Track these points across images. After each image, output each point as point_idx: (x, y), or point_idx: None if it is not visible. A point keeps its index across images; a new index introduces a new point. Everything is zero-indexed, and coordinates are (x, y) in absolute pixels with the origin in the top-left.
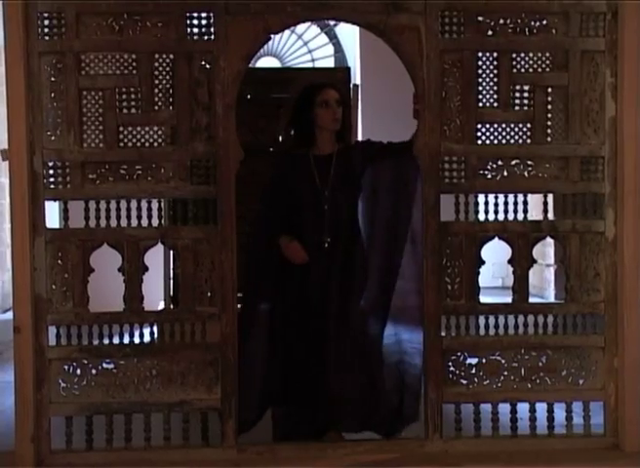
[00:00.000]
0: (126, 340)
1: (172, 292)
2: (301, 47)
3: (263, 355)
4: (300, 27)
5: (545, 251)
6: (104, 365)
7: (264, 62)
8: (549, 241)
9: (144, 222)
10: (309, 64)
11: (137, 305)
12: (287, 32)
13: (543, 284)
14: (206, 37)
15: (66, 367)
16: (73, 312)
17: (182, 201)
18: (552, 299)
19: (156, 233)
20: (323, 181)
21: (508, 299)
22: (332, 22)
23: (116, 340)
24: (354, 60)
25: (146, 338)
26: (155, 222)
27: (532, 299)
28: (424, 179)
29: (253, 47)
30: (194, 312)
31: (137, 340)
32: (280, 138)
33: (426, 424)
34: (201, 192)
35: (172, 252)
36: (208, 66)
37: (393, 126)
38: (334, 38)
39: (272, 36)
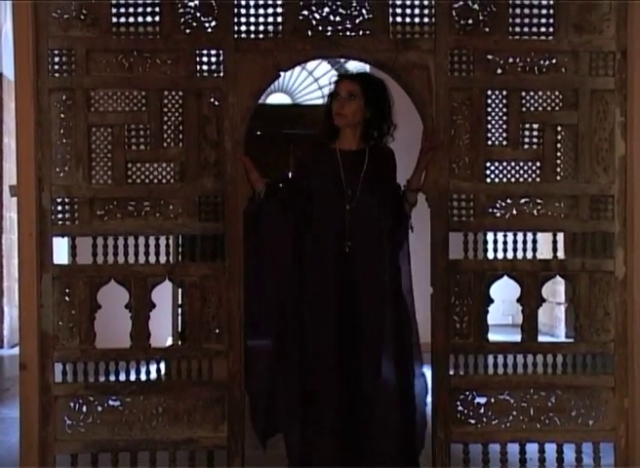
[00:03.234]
0: (132, 377)
1: (179, 329)
2: (312, 83)
3: (279, 367)
4: (311, 64)
5: (556, 288)
6: (110, 402)
7: (275, 99)
8: (560, 278)
9: (152, 259)
10: (320, 101)
11: (143, 342)
12: (297, 68)
13: (554, 322)
14: (215, 74)
15: (72, 404)
16: (80, 349)
17: (190, 237)
18: (563, 337)
19: (164, 270)
20: (348, 179)
21: (518, 338)
22: (342, 59)
23: (122, 377)
24: None
25: (153, 375)
26: (163, 259)
27: (542, 338)
28: (433, 217)
29: (262, 84)
30: (201, 349)
31: (143, 377)
32: (290, 175)
33: (434, 464)
34: (209, 229)
35: (179, 288)
36: (217, 103)
37: (400, 162)
38: None
39: (282, 73)
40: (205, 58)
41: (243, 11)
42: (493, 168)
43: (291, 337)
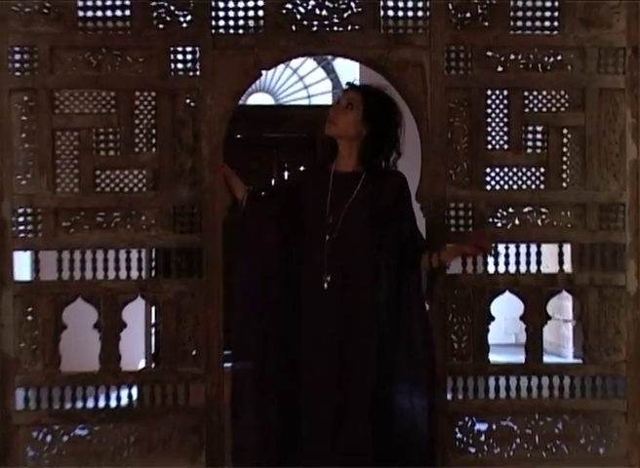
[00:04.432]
0: (101, 404)
1: (153, 351)
2: (297, 82)
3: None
4: (296, 62)
5: (563, 304)
6: (78, 431)
7: (256, 99)
8: (567, 294)
9: (123, 274)
10: (305, 101)
11: (113, 365)
12: (281, 67)
13: (561, 341)
14: (191, 73)
15: (35, 433)
16: (43, 373)
17: (165, 251)
18: (571, 358)
19: (135, 286)
20: (333, 205)
21: (522, 358)
22: (329, 57)
23: (91, 404)
24: None
25: (124, 402)
26: (135, 275)
27: (548, 358)
28: (428, 227)
29: (242, 83)
30: (177, 373)
31: (113, 404)
32: (273, 181)
33: None
34: (185, 241)
35: (153, 307)
36: (193, 105)
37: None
38: (332, 73)
39: (264, 72)
40: (180, 56)
41: (221, 4)
42: (493, 174)
43: (270, 369)
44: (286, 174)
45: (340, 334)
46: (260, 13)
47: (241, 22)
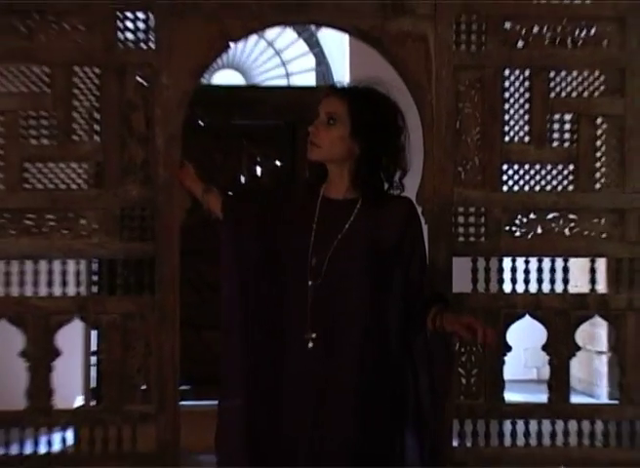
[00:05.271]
0: (29, 449)
1: (93, 385)
2: (273, 57)
3: None
4: (272, 32)
5: (595, 333)
6: None
7: (223, 77)
8: (600, 320)
9: (57, 291)
10: (283, 81)
11: (44, 402)
12: (253, 38)
13: (593, 377)
14: (143, 45)
15: None
16: None
17: (109, 262)
18: (604, 398)
19: (72, 305)
20: (319, 242)
21: (544, 398)
22: (312, 26)
23: (15, 450)
24: (343, 76)
25: (57, 447)
26: (72, 291)
27: (576, 398)
28: (431, 237)
29: (206, 58)
30: (122, 412)
31: (43, 449)
32: (243, 179)
33: None
34: (134, 251)
35: (94, 330)
36: (145, 84)
37: None
38: (315, 46)
39: (232, 44)
40: (130, 24)
41: None
42: (511, 172)
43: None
44: (258, 169)
45: (316, 397)
46: None
47: None
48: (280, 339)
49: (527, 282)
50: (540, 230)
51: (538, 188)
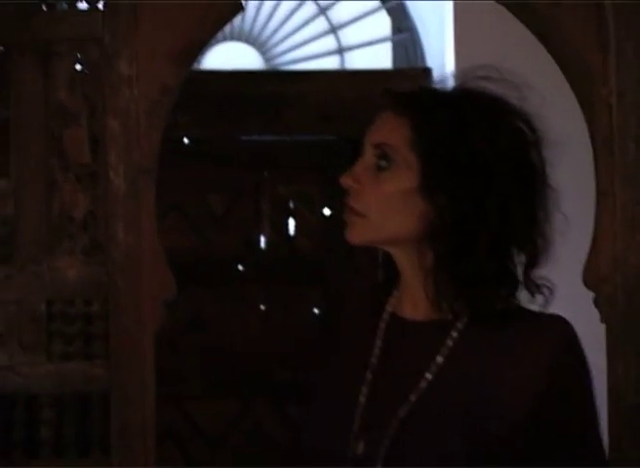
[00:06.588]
0: None
1: None
2: (314, 17)
3: None
4: None
5: None
6: None
7: (228, 52)
8: None
9: None
10: (336, 62)
11: None
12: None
13: None
14: (85, 7)
15: None
16: None
17: (28, 402)
18: None
19: None
20: (375, 407)
21: None
22: None
23: None
24: (440, 52)
25: None
26: None
27: None
28: (609, 346)
29: (201, 30)
30: None
31: None
32: (263, 244)
33: None
34: (73, 379)
35: None
36: (91, 76)
37: None
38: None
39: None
40: None
41: None
42: None
43: None
44: (291, 225)
45: None
46: None
47: None
48: None
49: None
50: None
51: None
